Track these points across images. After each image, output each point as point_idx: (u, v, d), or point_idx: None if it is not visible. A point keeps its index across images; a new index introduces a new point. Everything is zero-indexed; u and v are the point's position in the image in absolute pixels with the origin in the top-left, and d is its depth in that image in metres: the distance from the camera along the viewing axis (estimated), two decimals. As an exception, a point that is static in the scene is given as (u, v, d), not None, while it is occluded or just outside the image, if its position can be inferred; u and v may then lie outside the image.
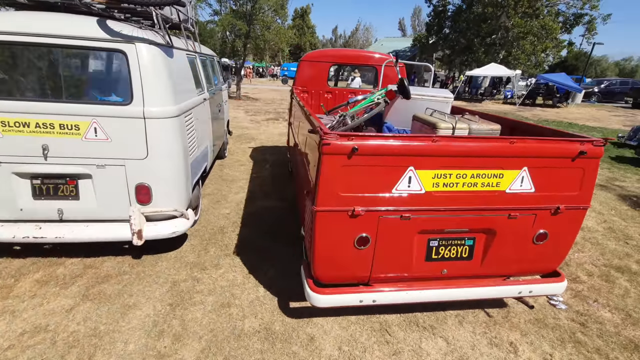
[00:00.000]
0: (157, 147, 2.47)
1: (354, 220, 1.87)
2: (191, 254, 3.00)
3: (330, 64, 4.52)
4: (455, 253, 2.12)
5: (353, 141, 1.73)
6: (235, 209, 3.98)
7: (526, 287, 2.23)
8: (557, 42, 25.19)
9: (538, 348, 2.23)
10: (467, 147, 1.85)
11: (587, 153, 1.95)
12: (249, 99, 16.01)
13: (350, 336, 2.21)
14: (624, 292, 2.89)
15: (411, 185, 1.86)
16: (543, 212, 2.06)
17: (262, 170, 5.52)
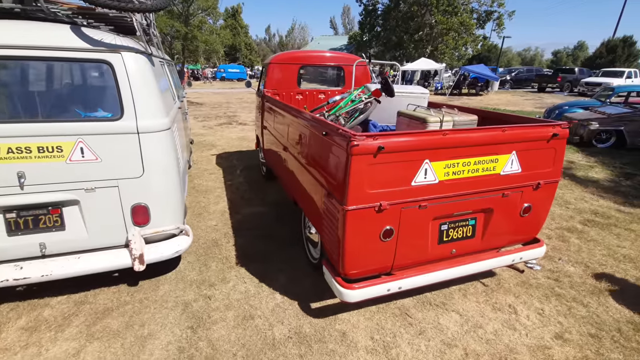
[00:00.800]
0: (154, 163, 2.30)
1: (380, 215, 1.98)
2: (192, 272, 2.85)
3: (299, 66, 4.55)
4: (462, 233, 2.35)
5: (378, 140, 1.83)
6: (221, 220, 3.83)
7: (517, 255, 2.56)
8: (475, 37, 28.18)
9: (531, 306, 2.57)
10: (471, 138, 2.06)
11: (559, 135, 2.31)
12: (193, 104, 15.18)
13: (377, 325, 2.33)
14: (578, 248, 3.44)
15: (427, 176, 2.03)
16: (527, 188, 2.38)
17: (234, 177, 5.35)
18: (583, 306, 2.58)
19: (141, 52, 2.24)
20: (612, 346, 2.19)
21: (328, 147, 2.11)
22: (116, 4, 1.89)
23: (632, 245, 3.48)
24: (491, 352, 2.13)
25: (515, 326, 2.36)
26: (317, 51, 4.84)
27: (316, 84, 5.08)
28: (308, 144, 2.54)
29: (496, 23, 28.68)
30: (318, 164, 2.32)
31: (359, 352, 2.09)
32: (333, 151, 2.03)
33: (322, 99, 4.79)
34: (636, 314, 2.49)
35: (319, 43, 34.91)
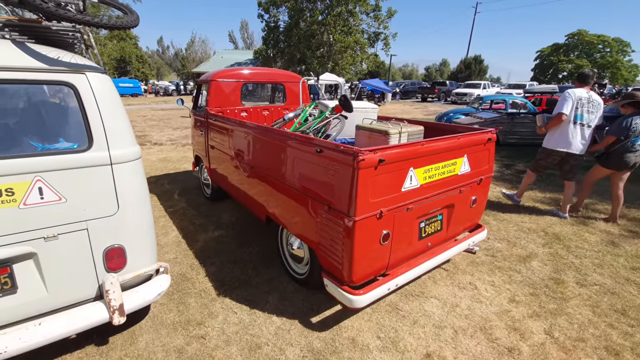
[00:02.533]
0: (130, 196, 2.02)
1: (381, 221, 2.17)
2: (170, 314, 2.54)
3: (242, 83, 4.48)
4: (434, 228, 2.72)
5: (378, 154, 2.02)
6: (179, 251, 3.48)
7: (470, 240, 3.06)
8: (368, 54, 31.50)
9: (485, 280, 3.11)
10: (439, 146, 2.44)
11: (492, 139, 2.90)
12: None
13: (377, 324, 2.49)
14: (497, 228, 4.26)
15: (412, 182, 2.31)
16: (474, 184, 2.90)
17: (174, 202, 4.88)
18: (517, 273, 3.24)
19: (104, 72, 1.97)
20: (547, 299, 2.82)
21: (325, 164, 2.21)
22: (88, 20, 1.65)
23: (530, 220, 4.48)
24: (472, 325, 2.51)
25: (481, 299, 2.83)
26: (259, 68, 4.85)
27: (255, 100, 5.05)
28: (293, 162, 2.57)
29: (384, 43, 32.62)
30: (311, 180, 2.39)
31: (373, 353, 2.22)
32: (333, 167, 2.13)
33: (267, 116, 4.81)
34: (552, 272, 3.25)
35: (222, 57, 33.90)
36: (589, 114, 3.99)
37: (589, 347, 2.30)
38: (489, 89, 27.23)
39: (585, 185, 4.62)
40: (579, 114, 3.98)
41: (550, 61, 43.24)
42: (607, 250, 3.66)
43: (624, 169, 4.07)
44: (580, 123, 4.01)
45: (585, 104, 3.97)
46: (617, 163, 4.05)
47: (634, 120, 3.82)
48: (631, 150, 3.90)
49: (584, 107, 3.97)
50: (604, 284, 3.06)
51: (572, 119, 4.01)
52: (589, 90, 4.04)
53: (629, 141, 3.88)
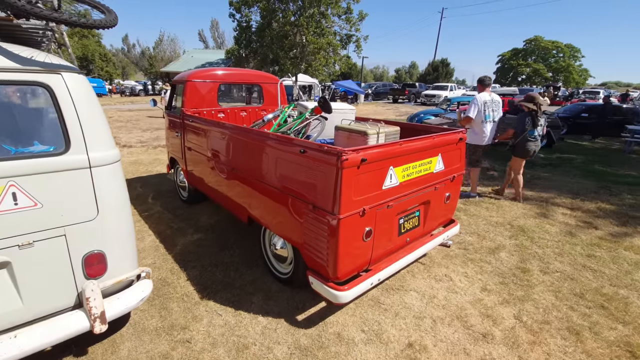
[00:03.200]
0: (110, 200, 1.97)
1: (363, 218, 2.26)
2: (152, 320, 2.49)
3: (219, 83, 4.42)
4: (412, 224, 2.84)
5: (361, 154, 2.11)
6: (157, 256, 3.39)
7: (445, 235, 3.23)
8: (340, 56, 31.87)
9: (459, 272, 3.29)
10: (416, 146, 2.57)
11: (462, 139, 3.08)
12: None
13: (361, 318, 2.58)
14: (468, 223, 4.50)
15: (392, 180, 2.42)
16: (447, 181, 3.07)
17: (149, 206, 4.73)
18: (488, 263, 3.46)
19: (80, 72, 1.91)
20: (516, 287, 3.04)
21: (309, 164, 2.26)
22: (66, 19, 1.59)
23: (497, 214, 4.78)
24: (449, 314, 2.66)
25: (456, 290, 2.99)
26: (235, 69, 4.81)
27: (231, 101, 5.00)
28: (276, 162, 2.60)
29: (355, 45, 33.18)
30: (294, 180, 2.43)
31: (359, 346, 2.30)
32: (317, 167, 2.19)
33: (245, 117, 4.78)
34: (518, 261, 3.50)
35: (192, 56, 32.91)
36: (493, 112, 4.79)
37: (553, 329, 2.51)
38: (455, 90, 28.45)
39: (508, 173, 5.40)
40: (487, 114, 4.73)
41: (510, 65, 45.87)
42: (566, 240, 3.99)
43: (527, 156, 4.92)
44: (489, 121, 4.79)
45: (489, 105, 4.73)
46: (522, 151, 4.89)
47: (527, 117, 4.69)
48: (530, 139, 4.75)
49: (489, 107, 4.73)
50: (564, 270, 3.34)
51: (483, 119, 4.73)
52: (490, 93, 4.83)
53: (527, 133, 4.71)
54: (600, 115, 11.75)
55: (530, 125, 4.67)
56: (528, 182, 6.44)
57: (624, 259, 3.58)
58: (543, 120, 4.73)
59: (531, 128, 4.68)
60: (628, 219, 4.65)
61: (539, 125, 4.69)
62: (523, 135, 4.74)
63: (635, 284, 3.12)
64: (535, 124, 4.66)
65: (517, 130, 4.81)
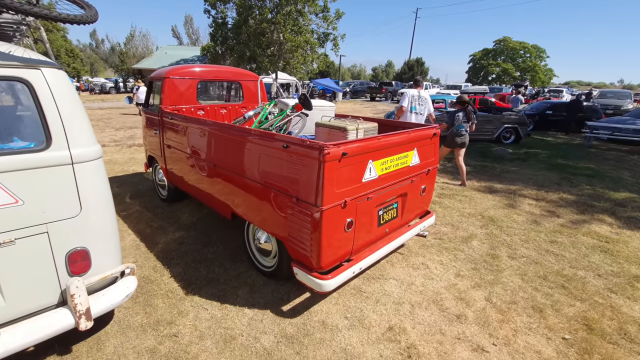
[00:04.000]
0: (93, 197, 1.97)
1: (345, 210, 2.37)
2: (137, 317, 2.49)
3: (198, 80, 4.39)
4: (391, 215, 2.99)
5: (341, 148, 2.21)
6: (139, 255, 3.36)
7: (421, 225, 3.41)
8: (318, 54, 31.97)
9: (435, 260, 3.48)
10: (394, 140, 2.70)
11: (437, 134, 3.26)
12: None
13: (344, 306, 2.69)
14: (443, 215, 4.73)
15: (371, 173, 2.54)
16: (423, 174, 3.24)
17: (127, 206, 4.64)
18: (461, 252, 3.67)
19: (60, 67, 1.89)
20: (486, 272, 3.26)
21: (292, 158, 2.34)
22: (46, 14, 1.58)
23: (470, 206, 5.05)
24: (426, 299, 2.83)
25: (432, 276, 3.17)
26: (215, 66, 4.78)
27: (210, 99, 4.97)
28: (260, 158, 2.65)
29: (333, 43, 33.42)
30: (277, 174, 2.50)
31: (342, 332, 2.41)
32: (300, 161, 2.28)
33: (224, 114, 4.77)
34: (489, 249, 3.74)
35: (166, 53, 31.92)
36: (420, 106, 5.62)
37: (519, 308, 2.73)
38: (430, 89, 29.27)
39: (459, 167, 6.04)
40: (413, 106, 5.59)
41: (481, 64, 47.68)
42: (531, 228, 4.29)
43: (456, 147, 5.80)
44: (415, 112, 5.63)
45: (417, 99, 5.59)
46: (450, 143, 5.82)
47: (458, 114, 5.60)
48: (457, 134, 5.66)
49: (416, 101, 5.59)
50: (530, 255, 3.60)
51: (409, 110, 5.60)
52: (420, 90, 5.68)
53: (454, 128, 5.62)
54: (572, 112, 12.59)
55: (459, 121, 5.56)
56: (497, 175, 6.81)
57: (582, 244, 3.90)
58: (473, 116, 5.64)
59: (459, 123, 5.57)
60: (586, 207, 5.05)
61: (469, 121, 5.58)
62: (452, 129, 5.67)
63: (591, 266, 3.42)
64: (466, 120, 5.58)
65: (448, 124, 5.72)
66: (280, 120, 3.43)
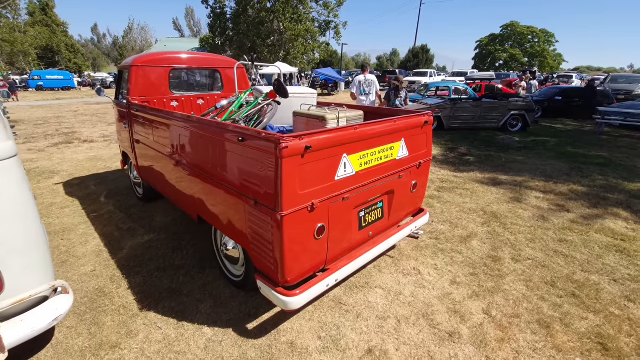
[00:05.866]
0: (3, 204, 1.63)
1: (313, 214, 2.00)
2: (79, 339, 2.17)
3: (170, 69, 4.01)
4: (375, 216, 2.61)
5: (304, 140, 1.83)
6: (99, 263, 3.05)
7: (412, 225, 3.02)
8: (319, 43, 31.22)
9: (428, 264, 3.11)
10: (374, 130, 2.31)
11: (428, 122, 2.84)
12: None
13: (319, 323, 2.35)
14: (441, 210, 4.34)
15: (346, 169, 2.16)
16: (414, 168, 2.84)
17: (100, 206, 4.33)
18: (459, 253, 3.29)
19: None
20: (486, 278, 2.88)
21: (248, 153, 1.98)
22: None
23: (471, 201, 4.64)
24: (415, 312, 2.46)
25: (424, 284, 2.81)
26: (188, 52, 4.39)
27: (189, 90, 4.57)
28: (218, 153, 2.30)
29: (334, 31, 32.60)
30: (236, 173, 2.14)
31: (313, 356, 2.07)
32: (256, 157, 1.91)
33: (202, 105, 4.40)
34: (490, 250, 3.35)
35: (165, 46, 31.51)
36: (367, 87, 6.44)
37: (523, 323, 2.35)
38: (435, 77, 28.45)
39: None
40: (362, 89, 6.44)
41: (488, 50, 46.25)
42: (538, 225, 3.88)
43: None
44: (364, 94, 6.47)
45: (364, 82, 6.43)
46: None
47: (392, 91, 6.48)
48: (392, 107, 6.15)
49: (364, 84, 6.44)
50: (536, 257, 3.21)
51: (359, 93, 6.45)
52: (366, 74, 6.49)
53: (392, 102, 6.47)
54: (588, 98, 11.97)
55: (393, 97, 6.46)
56: (503, 166, 6.36)
57: (595, 243, 3.49)
58: (404, 93, 6.55)
59: (393, 99, 6.47)
60: (599, 200, 4.61)
61: (399, 97, 6.48)
62: (389, 104, 6.51)
63: (606, 269, 3.01)
64: (396, 96, 6.48)
65: (387, 100, 6.59)
66: (249, 110, 3.05)
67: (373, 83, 6.48)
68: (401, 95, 6.49)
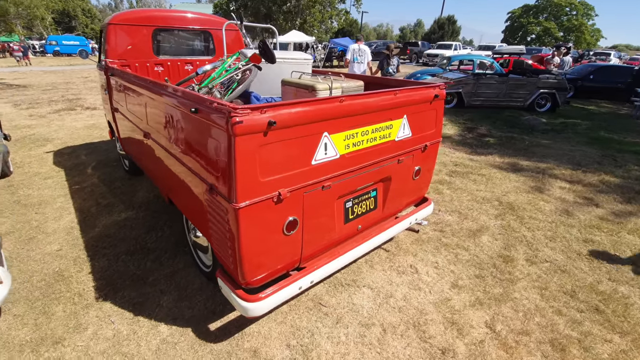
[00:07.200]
0: None
1: (280, 205, 1.63)
2: (23, 330, 1.95)
3: (152, 28, 3.58)
4: (365, 207, 2.22)
5: (267, 114, 1.43)
6: (67, 241, 2.82)
7: (412, 217, 2.62)
8: (338, 10, 29.53)
9: (427, 261, 2.73)
10: (367, 104, 1.87)
11: (439, 96, 2.36)
12: (11, 86, 11.34)
13: (292, 327, 2.05)
14: (450, 198, 3.89)
15: (327, 152, 1.76)
16: (417, 151, 2.40)
17: (84, 178, 4.10)
18: (465, 250, 2.89)
19: None
20: (494, 282, 2.49)
21: (202, 128, 1.60)
22: None
23: (486, 188, 4.16)
24: (405, 320, 2.12)
25: (420, 285, 2.45)
26: (175, 10, 3.93)
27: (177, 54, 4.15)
28: (176, 126, 1.94)
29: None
30: (192, 151, 1.78)
31: (277, 368, 1.78)
32: (209, 132, 1.53)
33: (190, 71, 3.99)
34: (501, 248, 2.93)
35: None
36: (360, 57, 6.92)
37: (532, 342, 1.98)
38: (460, 50, 26.66)
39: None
40: (355, 57, 6.93)
41: (520, 23, 42.84)
42: (561, 221, 3.40)
43: None
44: (356, 62, 6.94)
45: (357, 51, 6.91)
46: None
47: (384, 59, 6.78)
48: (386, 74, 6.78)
49: (357, 53, 6.91)
50: (555, 260, 2.77)
51: (352, 61, 6.97)
52: (360, 44, 6.99)
53: (385, 70, 6.82)
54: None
55: (385, 65, 6.77)
56: (525, 150, 5.76)
57: (627, 245, 3.01)
58: (396, 60, 6.83)
59: (386, 67, 6.78)
60: (634, 194, 4.04)
61: (391, 65, 6.77)
62: (383, 72, 6.88)
63: (638, 279, 2.56)
64: (387, 64, 6.77)
65: (380, 69, 6.93)
66: (226, 75, 2.63)
67: (365, 52, 6.98)
68: (393, 62, 6.81)
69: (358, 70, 6.96)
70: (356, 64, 6.97)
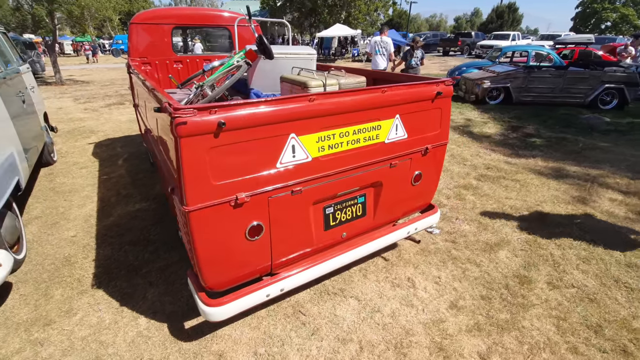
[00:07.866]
0: None
1: (240, 210, 1.55)
2: (24, 309, 2.13)
3: (171, 26, 3.72)
4: (351, 214, 2.07)
5: (217, 114, 1.35)
6: (83, 228, 3.05)
7: (412, 226, 2.41)
8: (385, 2, 28.55)
9: (429, 275, 2.50)
10: (345, 103, 1.71)
11: (443, 93, 2.11)
12: (77, 82, 12.69)
13: (264, 334, 1.98)
14: (473, 205, 3.54)
15: (296, 154, 1.64)
16: (416, 155, 2.18)
17: (114, 169, 4.42)
18: (476, 266, 2.59)
19: None
20: (501, 306, 2.19)
21: (164, 127, 1.58)
22: None
23: (517, 196, 3.72)
24: (387, 339, 1.95)
25: (413, 302, 2.24)
26: (192, 8, 4.04)
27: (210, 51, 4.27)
28: (157, 123, 1.96)
29: (403, -12, 29.43)
30: (164, 150, 1.78)
31: (238, 376, 1.73)
32: (167, 132, 1.50)
33: (207, 68, 4.07)
34: (520, 266, 2.58)
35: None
36: (382, 48, 6.84)
37: (531, 383, 1.70)
38: (519, 40, 24.33)
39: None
40: (377, 50, 6.86)
41: (593, 9, 37.90)
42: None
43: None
44: (378, 54, 6.88)
45: (379, 44, 6.82)
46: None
47: (408, 51, 6.86)
48: (410, 67, 6.92)
49: (379, 45, 6.83)
50: (585, 286, 2.37)
51: (374, 53, 6.92)
52: (383, 36, 6.86)
53: (407, 62, 6.90)
54: None
55: (409, 57, 6.85)
56: (577, 153, 5.07)
57: (687, 275, 2.48)
58: (420, 52, 6.82)
59: (410, 59, 6.85)
60: None
61: (414, 57, 6.81)
62: (407, 63, 6.94)
63: (694, 318, 2.09)
64: (411, 56, 6.82)
65: (404, 60, 7.03)
66: (222, 72, 2.60)
67: (388, 44, 6.92)
68: (417, 54, 6.85)
69: (381, 62, 6.92)
70: (379, 56, 6.94)
